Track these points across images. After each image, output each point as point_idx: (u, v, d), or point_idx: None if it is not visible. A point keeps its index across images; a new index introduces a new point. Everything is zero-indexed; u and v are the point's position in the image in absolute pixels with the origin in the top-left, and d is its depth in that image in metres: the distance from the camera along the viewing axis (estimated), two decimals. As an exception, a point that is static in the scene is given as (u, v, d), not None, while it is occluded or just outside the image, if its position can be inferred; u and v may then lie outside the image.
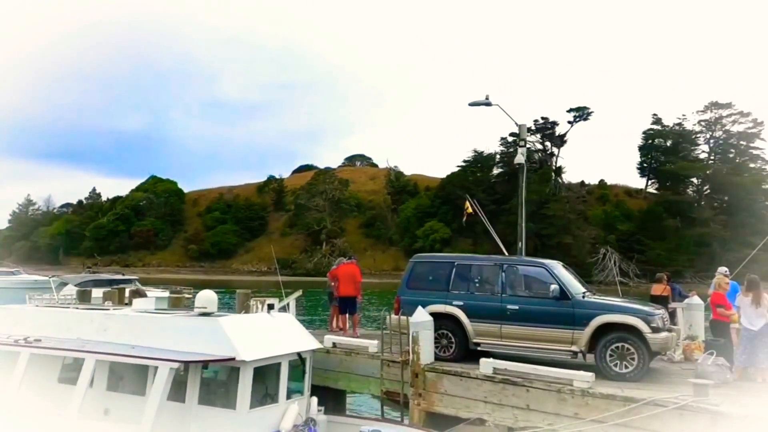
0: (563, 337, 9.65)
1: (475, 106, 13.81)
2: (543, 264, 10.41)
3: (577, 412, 8.34)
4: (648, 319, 9.19)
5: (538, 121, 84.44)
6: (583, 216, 79.30)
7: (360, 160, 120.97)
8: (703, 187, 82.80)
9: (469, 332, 10.30)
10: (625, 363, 9.16)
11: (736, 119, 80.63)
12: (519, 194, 13.74)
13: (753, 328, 9.15)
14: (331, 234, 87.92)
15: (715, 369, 8.98)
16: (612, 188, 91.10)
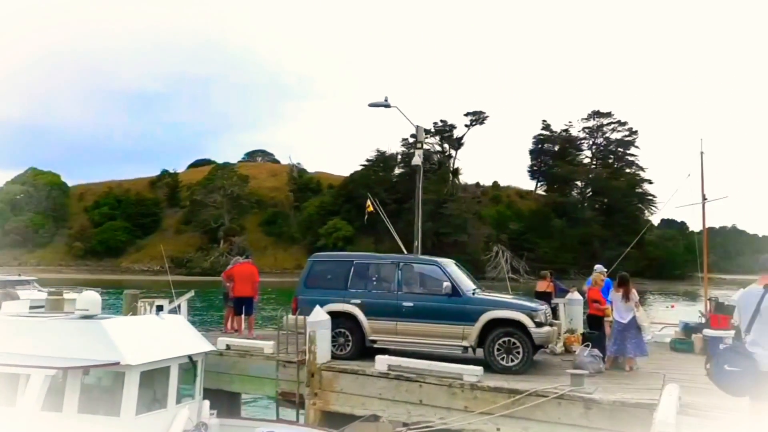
0: (455, 333, 10.03)
1: (374, 107, 13.98)
2: (436, 262, 10.76)
3: (466, 405, 8.69)
4: (532, 314, 9.77)
5: (438, 124, 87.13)
6: (478, 216, 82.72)
7: (261, 155, 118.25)
8: (586, 189, 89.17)
9: (366, 330, 10.43)
10: (512, 356, 9.68)
11: (615, 127, 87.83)
12: (416, 195, 14.09)
13: (623, 321, 10.00)
14: (229, 232, 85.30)
15: (590, 359, 9.73)
16: (505, 189, 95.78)
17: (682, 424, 6.57)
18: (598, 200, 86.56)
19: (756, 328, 5.39)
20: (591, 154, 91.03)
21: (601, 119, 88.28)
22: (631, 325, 9.95)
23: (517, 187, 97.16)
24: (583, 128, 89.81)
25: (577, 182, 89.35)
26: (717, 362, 5.46)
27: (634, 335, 9.97)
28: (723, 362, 5.42)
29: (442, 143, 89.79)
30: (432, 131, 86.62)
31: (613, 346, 10.12)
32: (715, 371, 5.45)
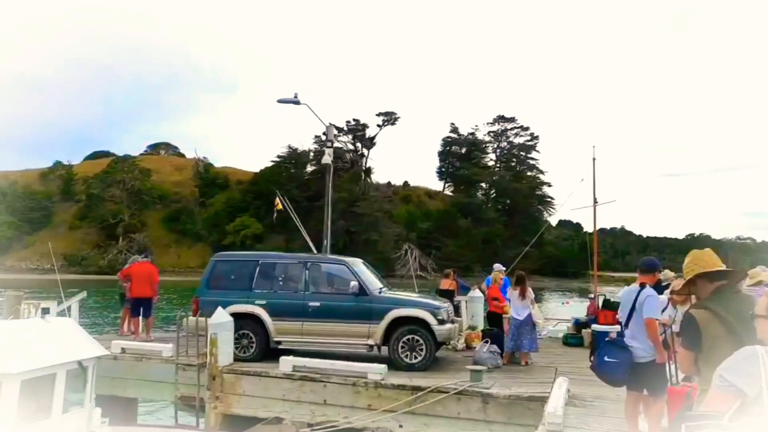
0: (361, 332, 10.10)
1: (283, 104, 13.77)
2: (344, 262, 10.79)
3: (370, 403, 8.78)
4: (435, 312, 10.03)
5: (350, 123, 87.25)
6: (389, 215, 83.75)
7: (165, 148, 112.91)
8: (490, 191, 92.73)
9: (271, 331, 10.27)
10: (415, 354, 9.89)
11: (518, 132, 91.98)
12: (326, 194, 14.04)
13: (519, 317, 10.51)
14: (129, 228, 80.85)
15: (489, 355, 10.15)
16: (415, 189, 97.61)
17: (569, 414, 7.00)
18: (501, 201, 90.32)
19: (633, 324, 5.84)
20: (495, 157, 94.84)
21: (506, 124, 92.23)
22: (526, 321, 10.47)
23: (427, 188, 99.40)
24: (488, 132, 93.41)
25: (482, 184, 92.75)
26: (599, 354, 5.88)
27: (529, 331, 10.51)
28: (604, 354, 5.83)
29: (355, 142, 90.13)
30: (345, 130, 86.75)
31: (510, 341, 10.61)
32: (598, 363, 5.86)
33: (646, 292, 5.75)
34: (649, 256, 6.55)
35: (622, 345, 5.78)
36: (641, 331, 5.69)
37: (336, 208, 70.31)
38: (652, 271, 6.13)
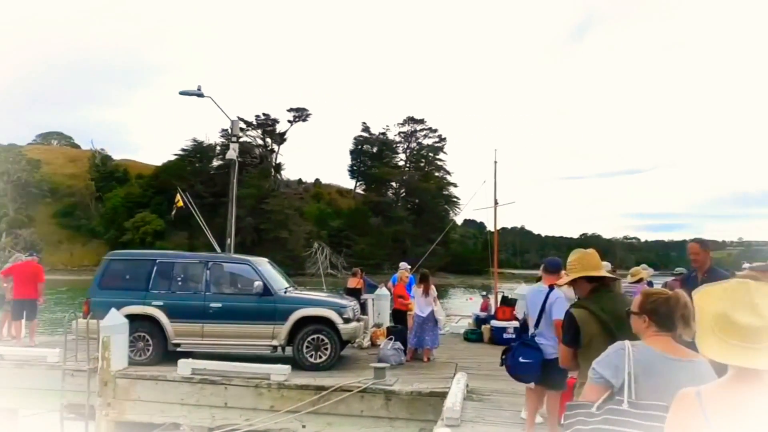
0: (265, 333, 9.93)
1: (186, 96, 13.24)
2: (248, 261, 10.55)
3: (273, 404, 8.64)
4: (341, 310, 10.05)
5: (260, 117, 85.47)
6: (299, 212, 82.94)
7: (57, 138, 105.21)
8: (400, 190, 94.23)
9: (169, 333, 9.85)
10: (320, 353, 9.86)
11: (426, 134, 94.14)
12: (230, 190, 13.65)
13: (422, 314, 10.75)
14: (14, 223, 74.55)
15: (393, 352, 10.32)
16: (326, 187, 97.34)
17: (467, 408, 7.25)
18: (411, 201, 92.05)
19: (543, 323, 6.05)
20: (405, 157, 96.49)
21: (415, 125, 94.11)
22: (429, 318, 10.74)
23: (338, 186, 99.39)
24: (398, 132, 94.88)
25: (392, 183, 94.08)
26: (513, 356, 5.90)
27: (431, 328, 10.79)
28: (519, 356, 5.92)
29: (265, 137, 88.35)
30: (254, 124, 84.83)
31: (413, 338, 10.84)
32: (512, 364, 5.86)
33: (555, 294, 5.89)
34: (553, 257, 6.81)
35: (535, 345, 5.91)
36: (550, 330, 5.87)
37: (244, 205, 68.72)
38: (557, 271, 6.36)
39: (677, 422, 1.79)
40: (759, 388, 1.68)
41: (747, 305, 1.71)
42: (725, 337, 1.71)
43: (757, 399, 1.67)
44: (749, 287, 1.75)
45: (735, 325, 1.70)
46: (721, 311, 1.74)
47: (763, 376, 1.69)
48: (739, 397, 1.69)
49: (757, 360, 1.66)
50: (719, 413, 1.69)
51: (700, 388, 1.79)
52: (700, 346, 1.80)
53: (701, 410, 1.71)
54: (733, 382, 1.73)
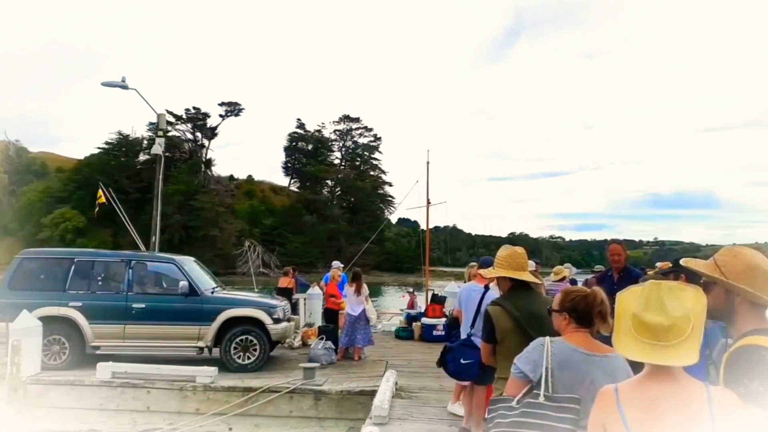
0: (191, 334, 9.64)
1: (109, 87, 12.63)
2: (173, 260, 10.21)
3: (198, 407, 8.42)
4: (270, 311, 9.90)
5: (190, 111, 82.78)
6: (230, 209, 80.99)
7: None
8: (335, 188, 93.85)
9: (87, 336, 9.39)
10: (248, 354, 9.68)
11: (362, 132, 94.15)
12: (155, 186, 13.14)
13: (354, 313, 10.75)
14: None
15: (324, 352, 10.27)
16: (259, 184, 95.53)
17: (395, 406, 7.33)
18: (346, 199, 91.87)
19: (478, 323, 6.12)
20: (341, 155, 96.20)
21: (351, 123, 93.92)
22: (361, 317, 10.75)
23: (272, 183, 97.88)
24: (334, 130, 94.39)
25: (327, 181, 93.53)
26: (454, 358, 5.83)
27: (363, 327, 10.80)
28: (460, 357, 5.92)
29: (195, 132, 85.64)
30: (183, 118, 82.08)
31: (345, 337, 10.82)
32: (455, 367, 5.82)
33: (491, 294, 5.96)
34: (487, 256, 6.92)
35: (474, 345, 5.95)
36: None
37: (172, 202, 66.42)
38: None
39: (597, 417, 1.88)
40: (670, 384, 1.79)
41: (657, 305, 1.81)
42: (639, 336, 1.81)
43: (668, 393, 1.77)
44: (660, 288, 1.85)
45: (646, 325, 1.79)
46: (635, 311, 1.84)
47: (674, 372, 1.80)
48: (652, 392, 1.79)
49: (667, 357, 1.76)
50: (633, 407, 1.79)
51: (619, 384, 1.90)
52: (617, 345, 1.89)
53: (617, 405, 1.81)
54: (646, 378, 1.84)
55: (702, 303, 1.83)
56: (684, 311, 1.78)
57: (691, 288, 1.88)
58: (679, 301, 1.80)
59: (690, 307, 1.80)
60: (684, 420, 1.72)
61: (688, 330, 1.77)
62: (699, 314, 1.81)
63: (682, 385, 1.78)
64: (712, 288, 2.19)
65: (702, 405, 1.73)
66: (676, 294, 1.82)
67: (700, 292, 1.87)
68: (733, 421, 1.71)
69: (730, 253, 2.18)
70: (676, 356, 1.74)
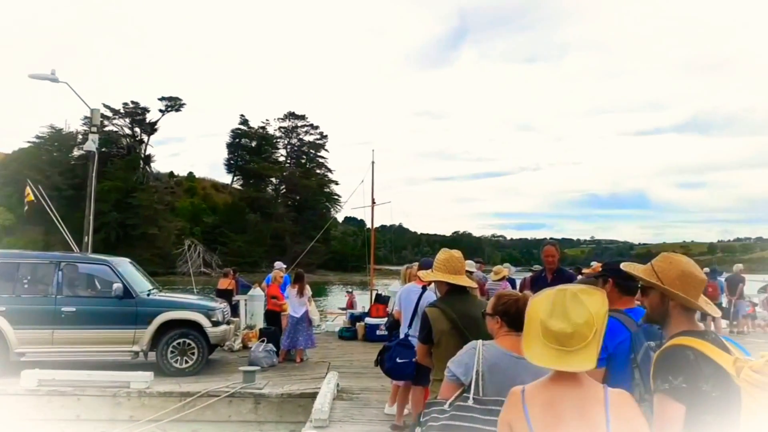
0: (125, 338, 9.31)
1: (38, 80, 12.00)
2: (106, 261, 9.82)
3: (132, 414, 8.14)
4: (209, 313, 9.68)
5: (128, 105, 79.81)
6: (170, 207, 78.69)
7: None
8: (280, 186, 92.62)
9: (11, 342, 8.91)
10: (186, 358, 9.43)
11: (308, 130, 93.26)
12: (89, 184, 12.58)
13: (296, 315, 10.65)
14: None
15: (265, 354, 10.13)
16: (200, 181, 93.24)
17: (336, 408, 7.31)
18: (291, 197, 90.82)
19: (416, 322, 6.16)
20: (286, 153, 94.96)
21: (296, 121, 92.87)
22: (303, 319, 10.66)
23: (214, 180, 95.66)
24: (279, 127, 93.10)
25: (272, 179, 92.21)
26: (391, 357, 5.84)
27: (305, 328, 10.71)
28: (396, 356, 5.95)
29: (133, 126, 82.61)
30: (121, 112, 79.07)
31: (286, 339, 10.70)
32: (390, 366, 5.84)
33: (427, 296, 6.01)
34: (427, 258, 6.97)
35: (410, 345, 5.98)
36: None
37: (108, 199, 63.89)
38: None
39: (505, 416, 1.95)
40: (572, 386, 1.86)
41: (561, 312, 1.86)
42: (546, 342, 1.86)
43: (569, 395, 1.85)
44: (566, 294, 1.91)
45: (551, 331, 1.85)
46: (542, 317, 1.89)
47: (578, 375, 1.88)
48: (554, 393, 1.87)
49: (570, 363, 1.82)
50: (536, 407, 1.86)
51: (527, 385, 1.96)
52: (525, 350, 1.94)
53: (522, 405, 1.88)
54: (550, 380, 1.91)
55: (605, 307, 1.90)
56: (587, 317, 1.84)
57: (596, 293, 1.94)
58: (583, 307, 1.86)
59: (594, 311, 1.86)
60: (581, 420, 1.80)
61: (591, 335, 1.84)
62: (602, 318, 1.88)
63: (583, 387, 1.86)
64: (649, 292, 2.34)
65: (599, 406, 1.82)
66: (580, 300, 1.88)
67: (604, 296, 1.94)
68: (626, 421, 1.81)
69: (667, 260, 2.31)
70: (577, 361, 1.81)
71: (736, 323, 15.50)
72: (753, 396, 1.90)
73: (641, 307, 2.85)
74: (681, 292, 2.21)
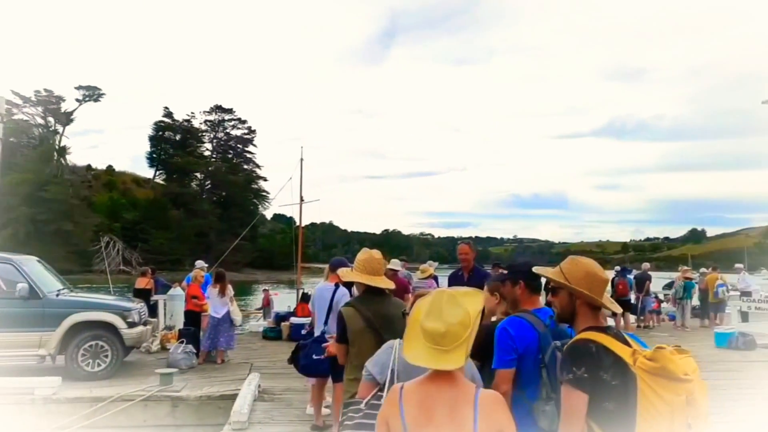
0: (30, 341, 8.77)
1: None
2: (11, 261, 9.19)
3: (38, 422, 7.67)
4: (124, 314, 9.29)
5: (40, 93, 75.01)
6: (87, 202, 74.78)
7: None
8: (205, 182, 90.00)
9: None
10: (98, 361, 9.01)
11: (235, 124, 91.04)
12: (-8, 177, 11.71)
13: (217, 315, 10.39)
14: None
15: (184, 356, 9.82)
16: (120, 175, 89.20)
17: (257, 409, 7.20)
18: (217, 193, 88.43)
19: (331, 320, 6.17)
20: (212, 147, 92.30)
21: (223, 114, 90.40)
22: (225, 319, 10.42)
23: (135, 174, 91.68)
24: (205, 121, 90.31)
25: (197, 174, 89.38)
26: (306, 354, 5.96)
27: (227, 329, 10.48)
28: (311, 353, 5.98)
29: (46, 116, 77.71)
30: (33, 101, 74.22)
31: (207, 340, 10.43)
32: (306, 363, 5.95)
33: (341, 292, 6.05)
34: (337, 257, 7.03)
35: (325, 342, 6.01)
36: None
37: (17, 193, 59.76)
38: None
39: (383, 412, 2.01)
40: (446, 384, 1.94)
41: (436, 312, 1.94)
42: (424, 342, 1.93)
43: (442, 394, 1.93)
44: (443, 296, 2.00)
45: (426, 330, 1.93)
46: (420, 318, 1.97)
47: (453, 373, 1.95)
48: (429, 391, 1.94)
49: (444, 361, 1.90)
50: (411, 405, 1.93)
51: (405, 383, 2.03)
52: (405, 350, 2.00)
53: (399, 402, 1.95)
54: (427, 379, 1.98)
55: (479, 307, 2.01)
56: (462, 317, 1.93)
57: (474, 294, 2.06)
58: (459, 308, 1.95)
59: (471, 311, 1.96)
60: (451, 418, 1.88)
61: (465, 335, 1.93)
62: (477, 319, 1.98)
63: (456, 386, 1.94)
64: (558, 292, 2.51)
65: (468, 405, 1.90)
66: (457, 301, 1.97)
67: (481, 296, 2.07)
68: (493, 421, 1.90)
69: (573, 262, 2.50)
70: (451, 360, 1.90)
71: (643, 318, 16.50)
72: (646, 382, 2.07)
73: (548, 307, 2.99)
74: (587, 290, 2.39)
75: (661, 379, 2.05)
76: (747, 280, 20.46)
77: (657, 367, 2.06)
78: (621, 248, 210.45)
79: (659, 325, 16.99)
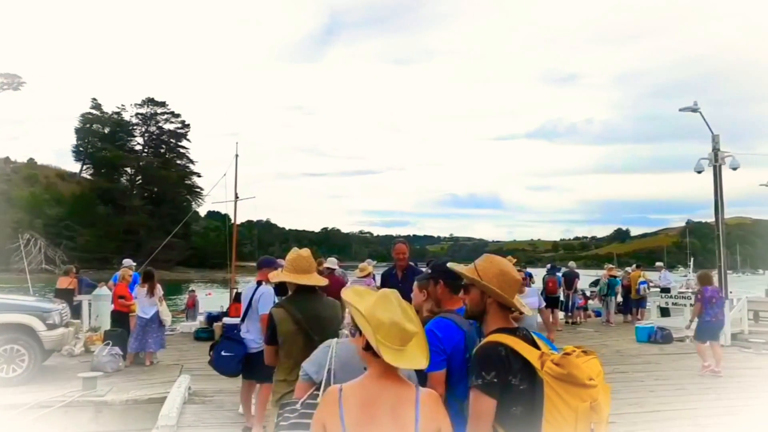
0: (-64, 346, 8.16)
1: None
2: None
3: (-56, 433, 7.16)
4: (44, 316, 8.81)
5: (-47, 80, 69.94)
6: (6, 196, 70.37)
7: None
8: (135, 177, 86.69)
9: None
10: (14, 366, 8.50)
11: (168, 118, 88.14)
12: None
13: (145, 316, 10.02)
14: None
15: (110, 359, 9.41)
16: (43, 169, 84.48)
17: (187, 412, 6.99)
18: (148, 189, 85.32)
19: (248, 318, 6.15)
20: (143, 141, 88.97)
21: (156, 108, 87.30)
22: (153, 319, 10.06)
23: (59, 168, 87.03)
24: (136, 114, 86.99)
25: (126, 168, 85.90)
26: (216, 350, 6.03)
27: (155, 330, 10.12)
28: (221, 350, 6.04)
29: (-42, 104, 72.66)
30: (-56, 88, 69.16)
31: (135, 342, 10.05)
32: (215, 358, 6.01)
33: (262, 290, 6.05)
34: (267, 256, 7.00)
35: (237, 339, 6.05)
36: (255, 324, 6.00)
37: None
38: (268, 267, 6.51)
39: (319, 414, 1.97)
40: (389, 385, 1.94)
41: (402, 313, 1.98)
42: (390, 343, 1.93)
43: (383, 394, 1.93)
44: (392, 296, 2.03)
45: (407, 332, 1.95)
46: (396, 320, 1.96)
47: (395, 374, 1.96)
48: (370, 392, 1.93)
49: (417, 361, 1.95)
50: (352, 406, 1.90)
51: (344, 384, 2.00)
52: (385, 355, 1.93)
53: (339, 404, 1.91)
54: (370, 379, 1.98)
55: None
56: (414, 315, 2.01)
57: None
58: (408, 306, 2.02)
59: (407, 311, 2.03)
60: (393, 419, 1.89)
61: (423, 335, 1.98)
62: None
63: (398, 387, 1.95)
64: (470, 290, 2.51)
65: (410, 406, 1.91)
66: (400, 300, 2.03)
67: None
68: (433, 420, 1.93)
69: (488, 260, 2.51)
70: (420, 358, 1.96)
71: (571, 314, 17.17)
72: (553, 387, 2.11)
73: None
74: (498, 289, 2.40)
75: (567, 385, 2.09)
76: (667, 277, 21.73)
77: (563, 373, 2.10)
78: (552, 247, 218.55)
79: (586, 321, 17.71)
